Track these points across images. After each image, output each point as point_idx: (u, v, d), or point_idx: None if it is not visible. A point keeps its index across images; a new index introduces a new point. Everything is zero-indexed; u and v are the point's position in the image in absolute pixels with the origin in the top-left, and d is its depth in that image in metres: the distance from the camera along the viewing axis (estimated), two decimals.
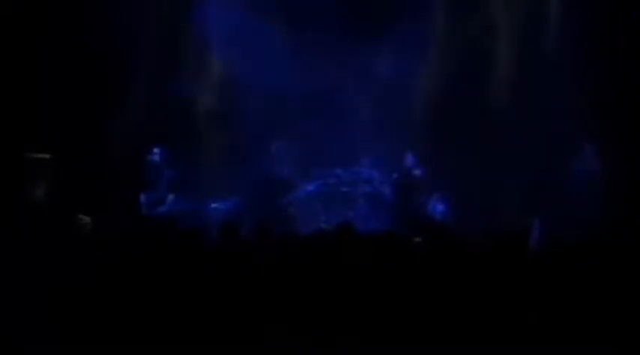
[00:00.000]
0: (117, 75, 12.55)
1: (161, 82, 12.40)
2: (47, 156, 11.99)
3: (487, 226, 9.39)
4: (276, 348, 5.11)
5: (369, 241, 6.20)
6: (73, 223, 7.67)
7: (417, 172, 12.56)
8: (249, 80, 12.75)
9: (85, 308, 5.45)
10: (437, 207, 12.35)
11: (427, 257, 6.14)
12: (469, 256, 6.06)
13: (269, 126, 12.79)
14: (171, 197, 12.10)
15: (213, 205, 12.32)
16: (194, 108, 13.15)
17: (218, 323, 5.39)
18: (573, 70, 12.32)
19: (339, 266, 5.84)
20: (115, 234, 7.27)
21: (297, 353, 5.10)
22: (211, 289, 5.71)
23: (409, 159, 12.63)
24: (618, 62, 12.27)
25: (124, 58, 12.51)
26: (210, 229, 9.67)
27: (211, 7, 12.88)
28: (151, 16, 12.67)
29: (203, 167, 12.98)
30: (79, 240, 6.73)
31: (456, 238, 6.49)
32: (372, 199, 12.84)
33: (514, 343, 5.04)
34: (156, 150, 12.29)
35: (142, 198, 12.09)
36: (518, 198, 12.05)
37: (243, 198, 12.54)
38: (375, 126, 12.64)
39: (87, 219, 7.82)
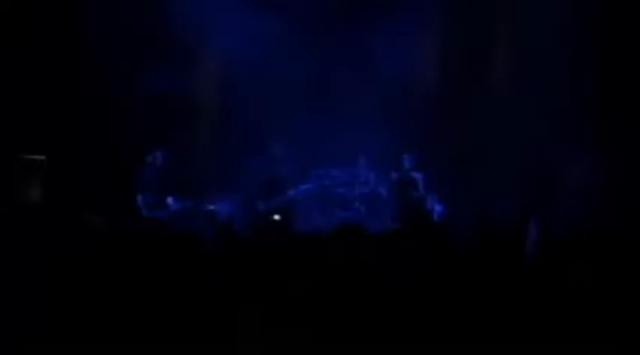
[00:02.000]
0: (113, 74, 12.51)
1: (156, 80, 12.36)
2: (42, 157, 11.96)
3: (484, 226, 9.40)
4: (276, 347, 5.12)
5: (376, 240, 6.20)
6: (84, 222, 7.63)
7: (416, 173, 12.55)
8: (244, 79, 12.75)
9: (83, 306, 5.45)
10: (434, 208, 12.35)
11: (424, 256, 6.13)
12: (465, 256, 6.06)
13: (266, 126, 12.77)
14: (170, 199, 12.05)
15: (211, 207, 12.29)
16: (190, 108, 13.15)
17: (217, 322, 5.38)
18: (570, 70, 12.35)
19: (341, 266, 5.83)
20: (115, 235, 7.25)
21: (297, 352, 5.10)
22: (210, 288, 5.71)
23: (407, 160, 12.61)
24: (615, 63, 12.29)
25: (120, 57, 12.48)
26: (207, 230, 9.66)
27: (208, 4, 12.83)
28: (146, 12, 12.60)
29: (200, 167, 12.97)
30: (79, 240, 6.70)
31: (452, 237, 6.49)
32: (369, 200, 12.82)
33: (512, 340, 5.04)
34: (155, 151, 12.21)
35: (141, 200, 12.04)
36: (516, 198, 12.07)
37: (240, 198, 12.51)
38: (373, 126, 12.62)
39: (98, 219, 7.78)
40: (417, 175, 12.51)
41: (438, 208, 12.34)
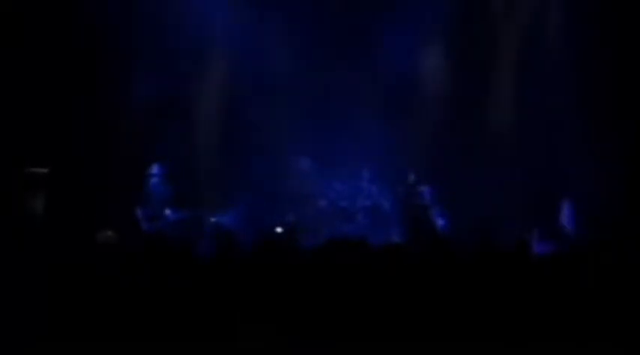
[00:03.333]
0: (116, 86, 12.53)
1: (160, 90, 12.38)
2: (45, 170, 11.95)
3: (487, 239, 9.40)
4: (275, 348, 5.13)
5: (380, 253, 6.21)
6: (98, 238, 7.64)
7: (420, 187, 12.56)
8: (246, 92, 12.80)
9: (83, 314, 5.48)
10: (437, 221, 12.36)
11: (427, 269, 6.15)
12: (469, 269, 6.06)
13: (270, 139, 12.80)
14: (168, 211, 12.00)
15: (213, 219, 12.25)
16: (191, 120, 13.16)
17: (215, 329, 5.40)
18: (572, 76, 12.40)
19: (346, 276, 5.84)
20: (116, 247, 7.27)
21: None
22: (209, 298, 5.72)
23: (412, 174, 12.64)
24: (617, 69, 12.34)
25: (123, 69, 12.51)
26: (210, 241, 9.66)
27: (209, 10, 12.83)
28: (154, 25, 12.61)
29: (201, 179, 12.95)
30: (80, 251, 6.72)
31: (456, 251, 6.50)
32: (371, 213, 12.82)
33: (514, 340, 5.05)
34: (156, 164, 12.19)
35: (140, 212, 12.01)
36: (518, 210, 12.09)
37: (242, 211, 12.49)
38: (375, 139, 12.64)
39: (112, 234, 7.77)
40: (424, 188, 12.53)
41: (440, 221, 12.36)
